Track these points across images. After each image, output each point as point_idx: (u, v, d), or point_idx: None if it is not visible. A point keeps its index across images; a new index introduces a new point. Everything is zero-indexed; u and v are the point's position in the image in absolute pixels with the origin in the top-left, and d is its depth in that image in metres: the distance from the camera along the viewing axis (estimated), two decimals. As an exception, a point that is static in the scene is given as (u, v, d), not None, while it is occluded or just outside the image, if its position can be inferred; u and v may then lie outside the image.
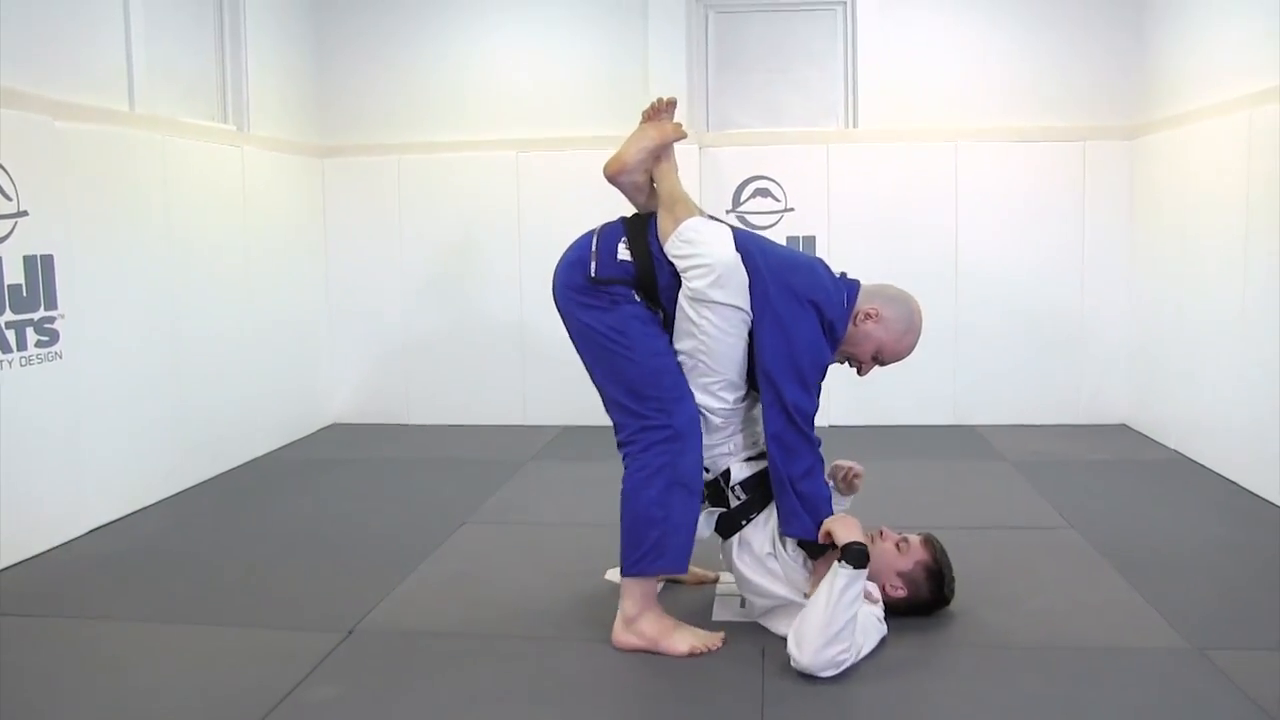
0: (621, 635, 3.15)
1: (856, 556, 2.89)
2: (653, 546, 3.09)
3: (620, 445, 3.21)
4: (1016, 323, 6.35)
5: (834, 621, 2.84)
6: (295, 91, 6.45)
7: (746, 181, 6.43)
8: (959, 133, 6.33)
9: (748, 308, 3.06)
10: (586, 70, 6.56)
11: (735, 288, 3.05)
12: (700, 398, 3.14)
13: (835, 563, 2.91)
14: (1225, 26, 5.19)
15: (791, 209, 6.40)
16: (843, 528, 2.99)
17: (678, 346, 3.15)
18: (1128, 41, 6.20)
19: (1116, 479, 5.13)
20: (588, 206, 3.39)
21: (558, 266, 3.27)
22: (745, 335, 3.10)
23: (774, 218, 6.39)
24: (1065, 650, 3.10)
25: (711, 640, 3.14)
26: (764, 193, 6.42)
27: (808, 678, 2.88)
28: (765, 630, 3.23)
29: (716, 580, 3.68)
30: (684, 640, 3.11)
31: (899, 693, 2.85)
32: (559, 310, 3.27)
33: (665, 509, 3.08)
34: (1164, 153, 5.80)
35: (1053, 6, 6.29)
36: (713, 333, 3.07)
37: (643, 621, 3.13)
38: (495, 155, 6.56)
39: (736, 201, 6.42)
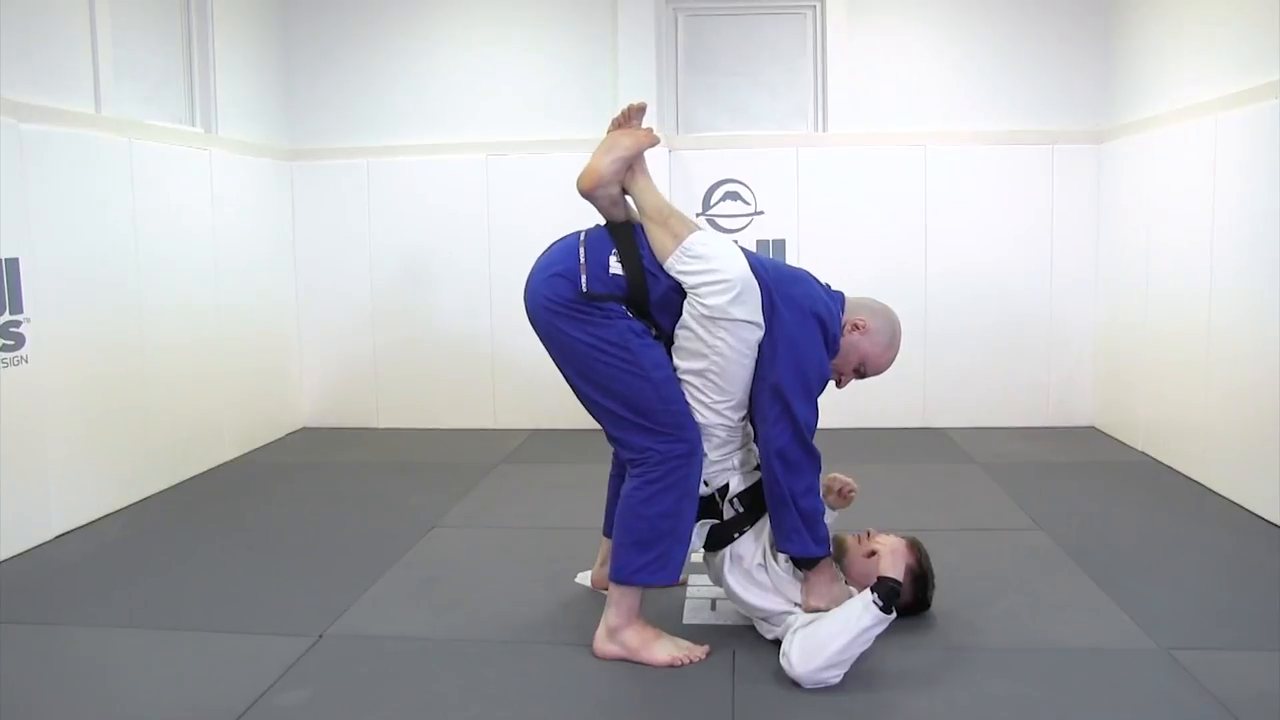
0: (604, 645, 3.10)
1: (888, 597, 2.88)
2: (658, 557, 3.02)
3: (629, 461, 3.08)
4: (985, 325, 6.39)
5: (846, 650, 2.85)
6: (263, 94, 6.41)
7: (716, 185, 6.44)
8: (928, 136, 6.36)
9: (762, 323, 2.98)
10: (556, 73, 6.55)
11: (754, 303, 2.96)
12: (706, 415, 3.05)
13: (869, 592, 2.90)
14: (1191, 33, 5.24)
15: (761, 212, 6.41)
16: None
17: (683, 365, 3.04)
18: (1096, 46, 6.26)
19: (1084, 481, 5.16)
20: (558, 209, 3.35)
21: (534, 276, 3.09)
22: (756, 352, 3.00)
23: (744, 221, 6.41)
24: (1033, 651, 3.12)
25: (695, 652, 3.09)
26: (734, 196, 6.43)
27: (779, 681, 2.88)
28: (735, 634, 3.24)
29: (685, 583, 3.67)
30: (665, 650, 3.07)
31: (867, 694, 2.86)
32: (537, 322, 3.08)
33: (675, 521, 3.02)
34: (1131, 157, 5.85)
35: (1021, 11, 6.33)
36: (727, 353, 2.97)
37: (626, 633, 3.08)
38: (465, 158, 6.54)
39: (706, 205, 6.43)
